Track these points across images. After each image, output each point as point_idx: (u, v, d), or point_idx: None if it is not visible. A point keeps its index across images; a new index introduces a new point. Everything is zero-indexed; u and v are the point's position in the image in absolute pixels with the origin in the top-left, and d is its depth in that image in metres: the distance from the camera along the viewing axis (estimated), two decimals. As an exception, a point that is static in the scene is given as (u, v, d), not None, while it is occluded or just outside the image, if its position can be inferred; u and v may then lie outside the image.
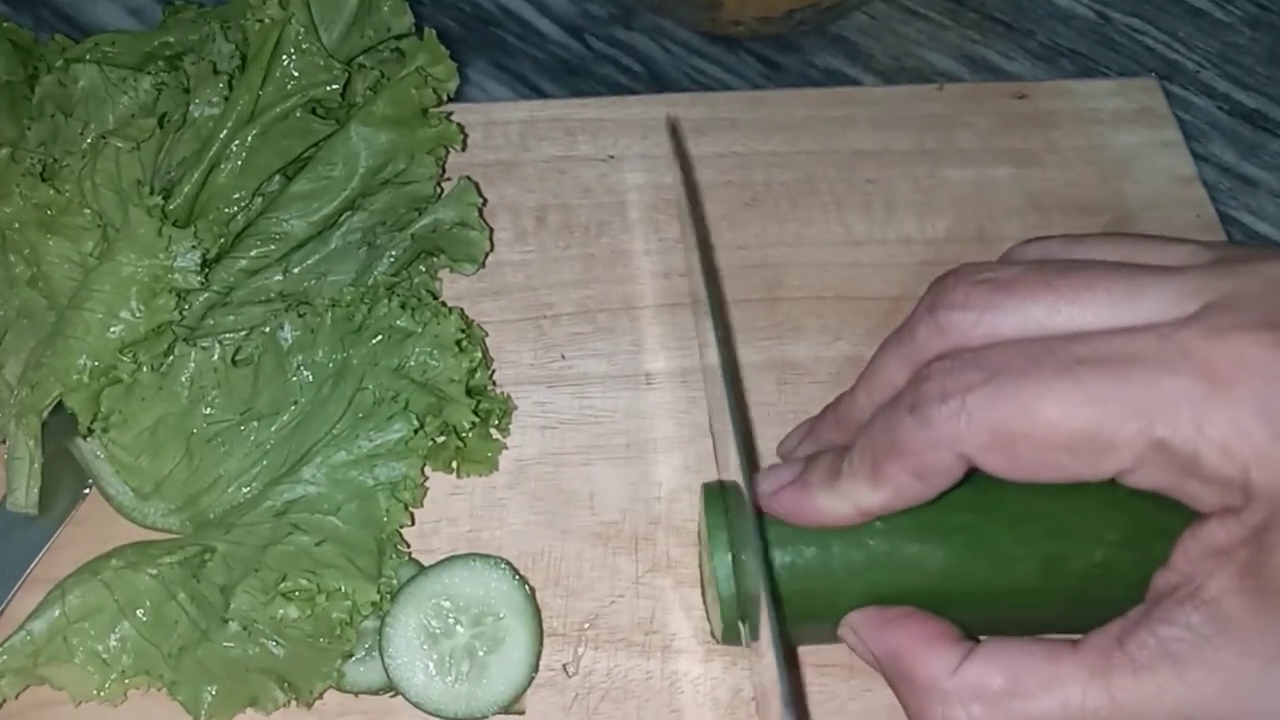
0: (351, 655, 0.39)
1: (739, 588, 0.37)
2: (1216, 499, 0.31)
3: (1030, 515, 0.36)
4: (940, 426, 0.32)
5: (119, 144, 0.44)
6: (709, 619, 0.42)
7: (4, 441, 0.43)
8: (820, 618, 0.37)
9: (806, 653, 0.42)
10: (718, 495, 0.39)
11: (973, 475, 0.35)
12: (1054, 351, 0.32)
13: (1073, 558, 0.35)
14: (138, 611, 0.39)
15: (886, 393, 0.36)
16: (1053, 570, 0.35)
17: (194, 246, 0.43)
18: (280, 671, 0.38)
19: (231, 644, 0.38)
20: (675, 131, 0.51)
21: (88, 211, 0.43)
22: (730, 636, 0.38)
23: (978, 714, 0.32)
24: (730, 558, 0.37)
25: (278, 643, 0.38)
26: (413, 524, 0.43)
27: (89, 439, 0.42)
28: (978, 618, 0.36)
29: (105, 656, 0.38)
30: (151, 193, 0.44)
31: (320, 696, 0.40)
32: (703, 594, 0.43)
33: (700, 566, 0.43)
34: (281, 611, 0.38)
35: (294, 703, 0.38)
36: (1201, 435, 0.30)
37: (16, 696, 0.39)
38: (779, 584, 0.36)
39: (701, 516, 0.40)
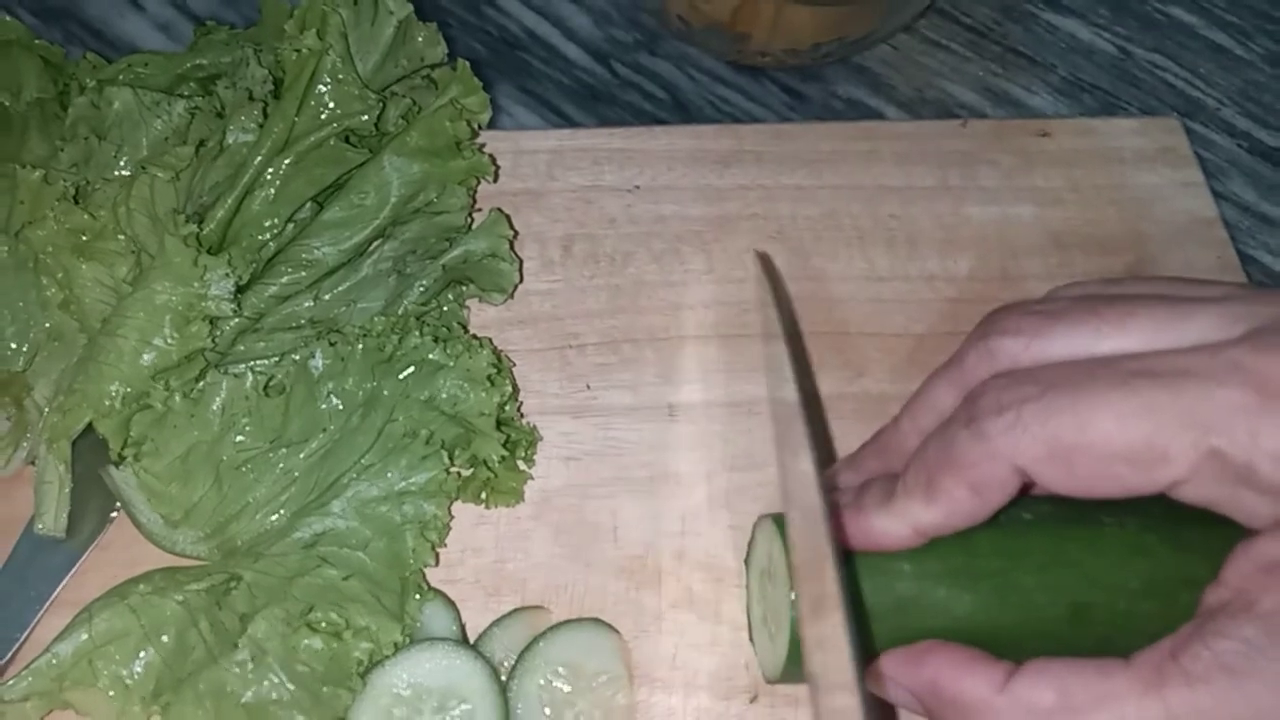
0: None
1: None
2: (1269, 510, 0.32)
3: (1058, 562, 0.36)
4: (996, 439, 0.33)
5: (159, 173, 0.44)
6: (759, 654, 0.42)
7: (33, 464, 0.44)
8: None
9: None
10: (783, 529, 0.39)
11: (1001, 520, 0.35)
12: (1107, 366, 0.33)
13: (1098, 605, 0.35)
14: (163, 637, 0.39)
15: (933, 420, 0.37)
16: (1079, 618, 0.35)
17: (227, 274, 0.43)
18: (277, 715, 0.38)
19: (235, 674, 0.38)
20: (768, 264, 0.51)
21: (122, 237, 0.43)
22: (792, 673, 0.38)
23: None
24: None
25: (283, 681, 0.38)
26: (437, 563, 0.43)
27: (121, 467, 0.42)
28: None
29: (129, 682, 0.39)
30: (186, 219, 0.44)
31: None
32: (749, 629, 0.43)
33: (749, 602, 0.43)
34: (306, 642, 0.38)
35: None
36: (1256, 445, 0.31)
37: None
38: (794, 626, 0.36)
39: (768, 549, 0.39)
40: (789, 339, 0.41)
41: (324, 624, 0.38)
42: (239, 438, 0.42)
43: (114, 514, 0.44)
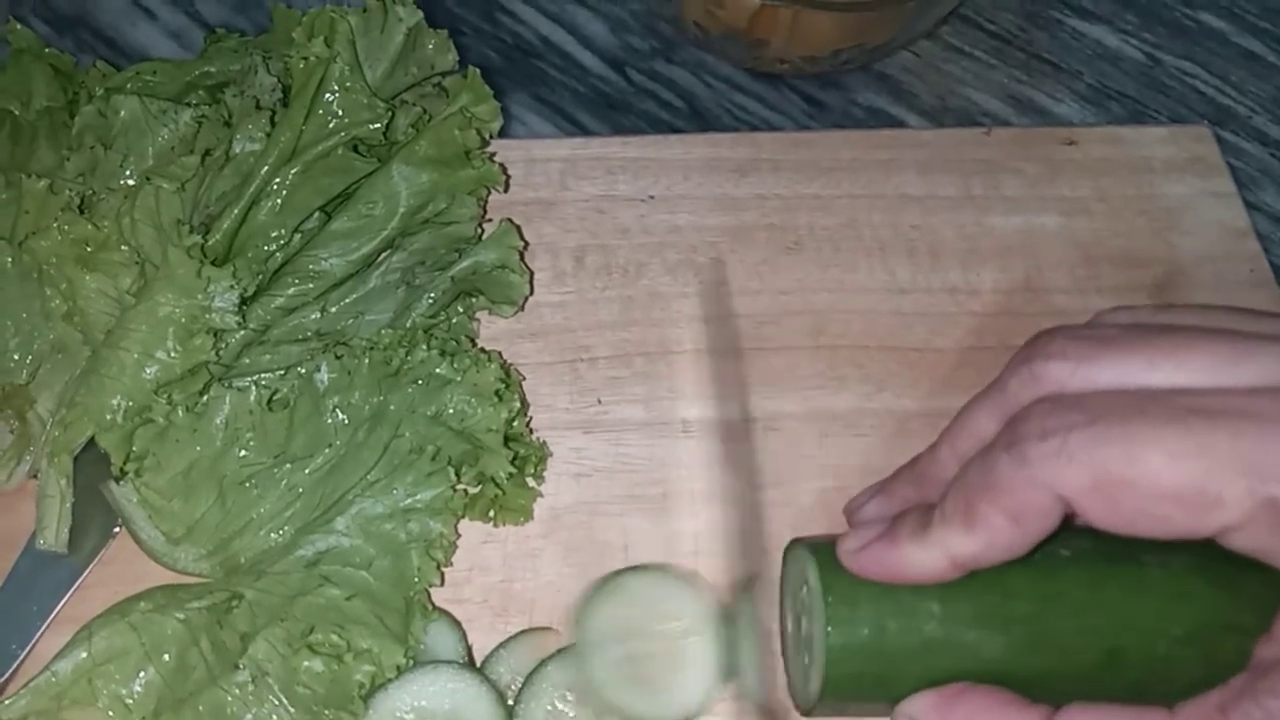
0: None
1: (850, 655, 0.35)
2: None
3: (1095, 606, 0.34)
4: (1039, 465, 0.31)
5: (163, 184, 0.44)
6: (791, 677, 0.40)
7: (35, 477, 0.43)
8: (871, 699, 0.36)
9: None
10: (828, 551, 0.37)
11: (1036, 558, 0.34)
12: (1160, 401, 0.31)
13: (1135, 650, 0.34)
14: (164, 656, 0.38)
15: (973, 447, 0.35)
16: (1114, 663, 0.34)
17: (232, 286, 0.42)
18: None
19: (236, 696, 0.37)
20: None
21: (126, 248, 0.42)
22: (826, 707, 0.37)
23: None
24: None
25: (283, 703, 0.37)
26: (442, 584, 0.42)
27: (121, 483, 0.41)
28: None
29: (129, 702, 0.38)
30: (191, 230, 0.43)
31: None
32: (784, 654, 0.41)
33: (782, 627, 0.41)
34: (306, 664, 0.37)
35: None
36: None
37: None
38: (829, 664, 0.35)
39: (800, 577, 0.38)
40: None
41: (325, 645, 0.37)
42: (242, 453, 0.41)
43: (116, 529, 0.43)
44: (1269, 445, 0.30)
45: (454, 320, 0.47)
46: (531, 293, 0.49)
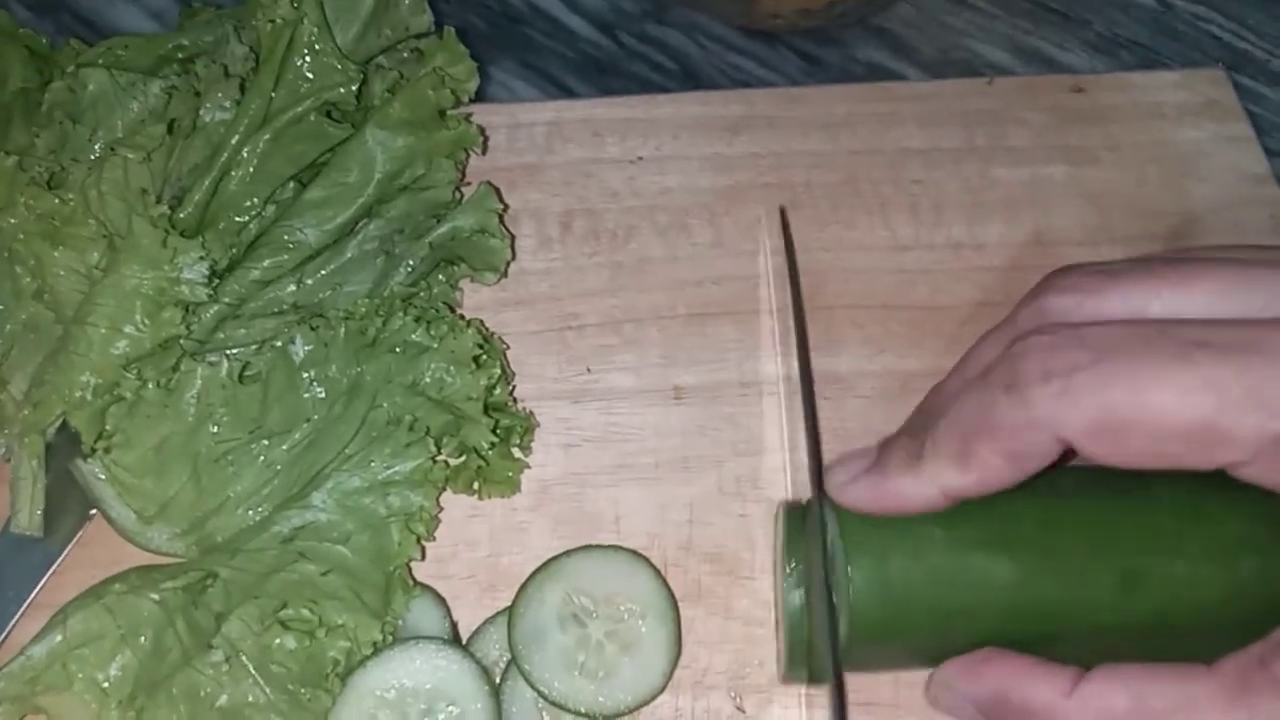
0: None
1: (808, 623, 0.34)
2: None
3: (1103, 527, 0.33)
4: (1041, 407, 0.30)
5: (129, 154, 0.42)
6: (778, 651, 0.39)
7: (9, 460, 0.42)
8: (879, 641, 0.34)
9: (851, 691, 0.39)
10: (798, 518, 0.36)
11: (1038, 486, 0.32)
12: (1166, 333, 0.30)
13: (1152, 572, 0.32)
14: (140, 639, 0.37)
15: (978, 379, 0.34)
16: (1132, 586, 0.32)
17: (201, 257, 0.41)
18: (252, 717, 0.36)
19: (210, 676, 0.36)
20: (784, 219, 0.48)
21: (92, 222, 0.41)
22: (794, 673, 0.36)
23: None
24: (802, 590, 0.34)
25: (258, 682, 0.36)
26: (423, 558, 0.41)
27: (90, 460, 0.40)
28: (1049, 642, 0.33)
29: (105, 685, 0.36)
30: (160, 201, 0.42)
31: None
32: (776, 624, 0.40)
33: (776, 595, 0.40)
34: (278, 641, 0.36)
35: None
36: None
37: (14, 727, 0.38)
38: (791, 628, 0.34)
39: (778, 541, 0.37)
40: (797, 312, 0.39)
41: (298, 622, 0.35)
42: (216, 429, 0.40)
43: (94, 511, 0.42)
44: (1276, 378, 0.28)
45: (435, 289, 0.45)
46: (516, 259, 0.48)
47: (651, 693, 0.38)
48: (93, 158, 0.44)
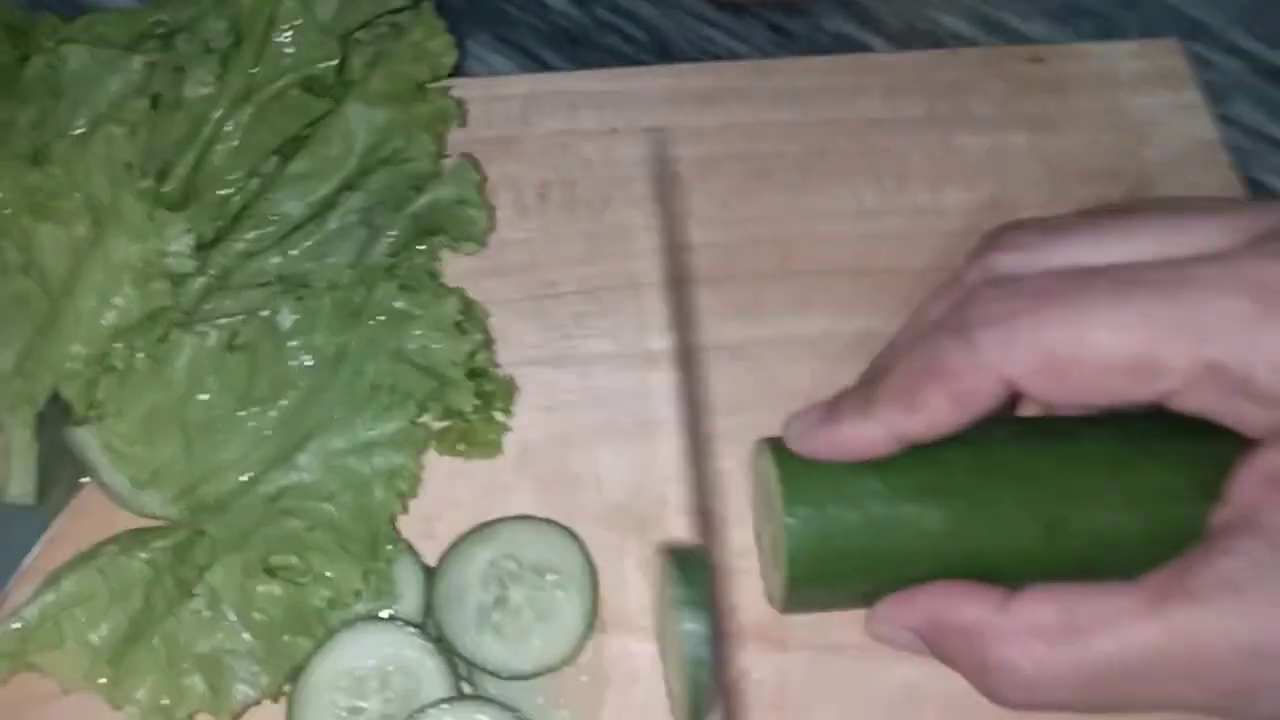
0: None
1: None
2: (1267, 420, 0.31)
3: (1032, 477, 0.35)
4: (986, 350, 0.32)
5: (114, 129, 0.43)
6: (766, 583, 0.41)
7: (1, 431, 0.43)
8: (816, 585, 0.36)
9: (816, 634, 0.41)
10: (780, 443, 0.38)
11: (974, 436, 0.34)
12: (1104, 275, 0.32)
13: (1074, 520, 0.34)
14: (130, 597, 0.38)
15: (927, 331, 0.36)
16: (1055, 534, 0.34)
17: (187, 230, 0.42)
18: (231, 665, 0.37)
19: (189, 624, 0.37)
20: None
21: (78, 196, 0.42)
22: (796, 601, 0.37)
23: (1036, 651, 0.32)
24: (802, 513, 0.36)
25: (238, 629, 0.37)
26: (406, 511, 0.42)
27: (83, 428, 0.41)
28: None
29: (95, 642, 0.38)
30: (145, 176, 0.43)
31: (265, 701, 0.38)
32: (760, 559, 0.42)
33: (756, 529, 0.42)
34: (263, 589, 0.37)
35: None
36: (1255, 355, 0.30)
37: (4, 683, 0.39)
38: (790, 551, 0.36)
39: (766, 471, 0.39)
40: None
41: (282, 570, 0.37)
42: (205, 397, 0.41)
43: (86, 479, 0.43)
44: (1207, 309, 0.30)
45: (417, 260, 0.46)
46: (495, 229, 0.49)
47: (560, 660, 0.40)
48: (76, 133, 0.45)
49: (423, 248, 0.46)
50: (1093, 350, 0.31)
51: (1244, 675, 0.30)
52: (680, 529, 0.43)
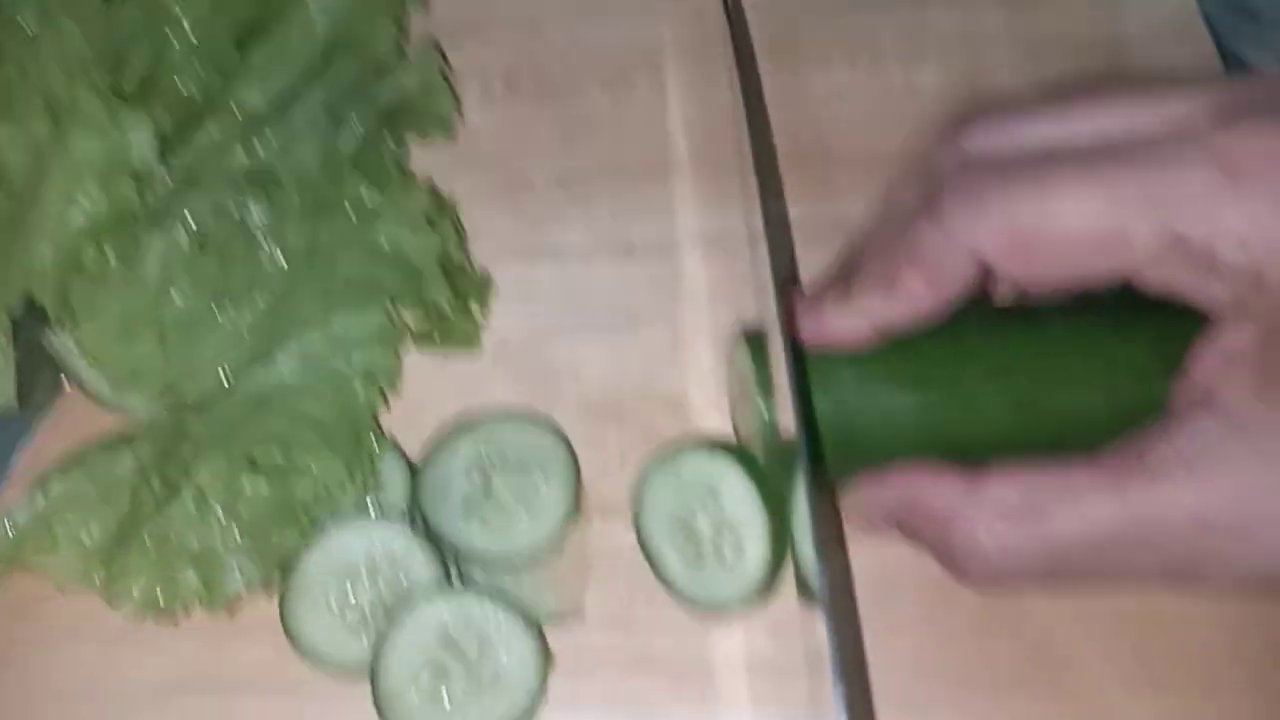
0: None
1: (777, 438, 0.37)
2: (1229, 295, 0.31)
3: (1002, 361, 0.36)
4: (956, 227, 0.32)
5: (69, 22, 0.42)
6: None
7: (-23, 336, 0.43)
8: (789, 469, 0.37)
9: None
10: (756, 340, 0.38)
11: (945, 325, 0.35)
12: (1071, 151, 0.32)
13: (1045, 402, 0.35)
14: (118, 497, 0.39)
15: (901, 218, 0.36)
16: (1025, 414, 0.35)
17: (149, 126, 0.41)
18: (223, 560, 0.38)
19: (179, 522, 0.37)
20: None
21: (35, 93, 0.41)
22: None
23: (999, 531, 0.33)
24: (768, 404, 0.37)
25: (228, 526, 0.38)
26: (388, 407, 0.43)
27: (59, 332, 0.41)
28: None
29: (88, 543, 0.38)
30: (100, 71, 0.41)
31: (259, 596, 0.39)
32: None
33: (735, 424, 0.43)
34: (247, 485, 0.38)
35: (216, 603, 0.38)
36: (1218, 228, 0.30)
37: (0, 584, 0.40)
38: (769, 445, 0.36)
39: (742, 361, 0.39)
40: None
41: (267, 467, 0.37)
42: (178, 295, 0.41)
43: (66, 382, 0.43)
44: (1172, 181, 0.30)
45: (384, 153, 0.45)
46: (463, 119, 0.48)
47: (544, 547, 0.41)
48: (28, 33, 0.43)
49: (390, 140, 0.46)
50: (1059, 224, 0.31)
51: (1195, 547, 0.31)
52: (658, 419, 0.44)
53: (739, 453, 0.40)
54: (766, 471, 0.38)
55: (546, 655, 0.39)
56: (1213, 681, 0.40)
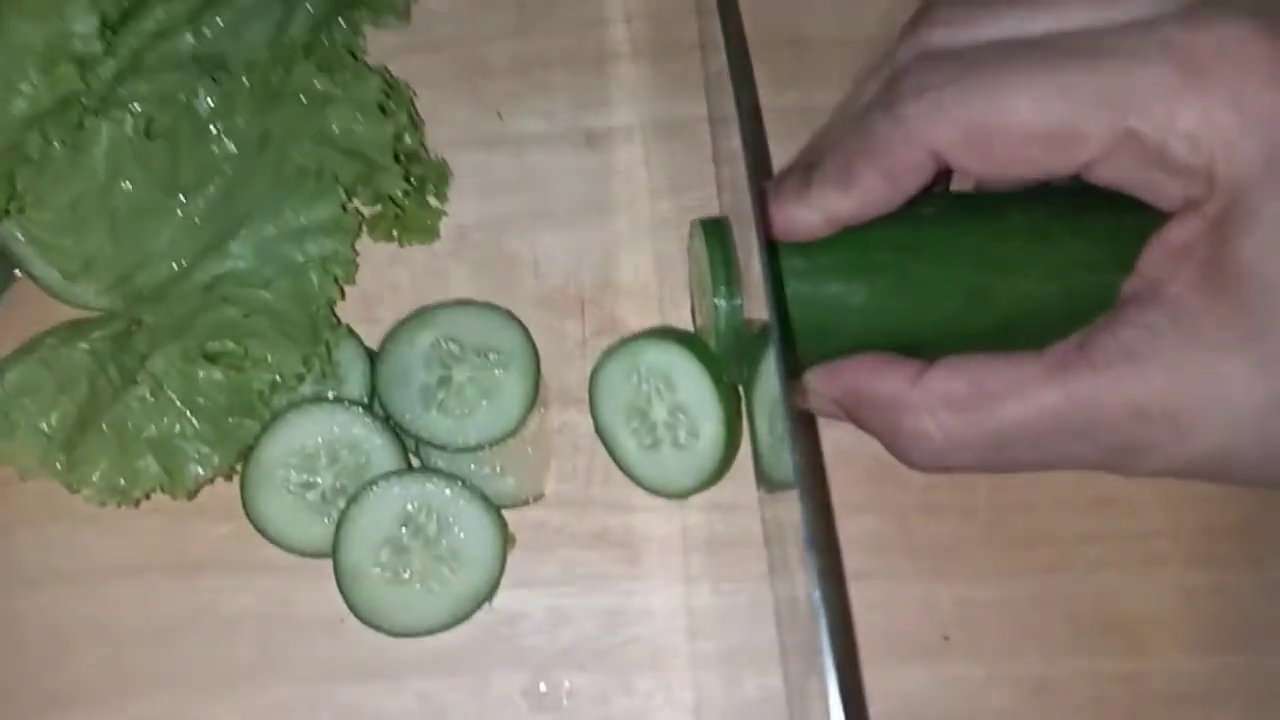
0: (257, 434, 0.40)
1: (732, 326, 0.37)
2: (1181, 192, 0.31)
3: (954, 250, 0.36)
4: (913, 122, 0.32)
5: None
6: None
7: (-75, 227, 0.42)
8: (742, 357, 0.37)
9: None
10: (714, 228, 0.38)
11: (899, 214, 0.35)
12: (1030, 46, 0.32)
13: (996, 290, 0.35)
14: (76, 386, 0.39)
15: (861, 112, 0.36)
16: (976, 303, 0.35)
17: (90, 9, 0.40)
18: (182, 447, 0.38)
19: (136, 410, 0.38)
20: None
21: (-32, -27, 0.39)
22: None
23: (945, 420, 0.34)
24: (728, 294, 0.37)
25: (184, 414, 0.38)
26: (343, 298, 0.43)
27: (6, 222, 0.40)
28: (903, 354, 0.36)
29: (46, 430, 0.39)
30: (37, -51, 0.40)
31: (219, 479, 0.40)
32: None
33: (693, 312, 0.43)
34: (203, 374, 0.38)
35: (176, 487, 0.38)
36: (1172, 126, 0.30)
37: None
38: (721, 332, 0.37)
39: (699, 252, 0.39)
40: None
41: (222, 357, 0.37)
42: (128, 185, 0.40)
43: (18, 272, 0.43)
44: (1127, 78, 0.30)
45: (337, 36, 0.44)
46: (418, 1, 0.47)
47: (504, 434, 0.41)
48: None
49: (343, 23, 0.44)
50: (1014, 119, 0.31)
51: (1133, 434, 0.32)
52: (620, 309, 0.44)
53: (693, 341, 0.40)
54: (721, 359, 0.39)
55: (505, 534, 0.40)
56: (1153, 561, 0.41)
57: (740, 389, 0.40)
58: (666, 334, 0.41)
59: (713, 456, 0.39)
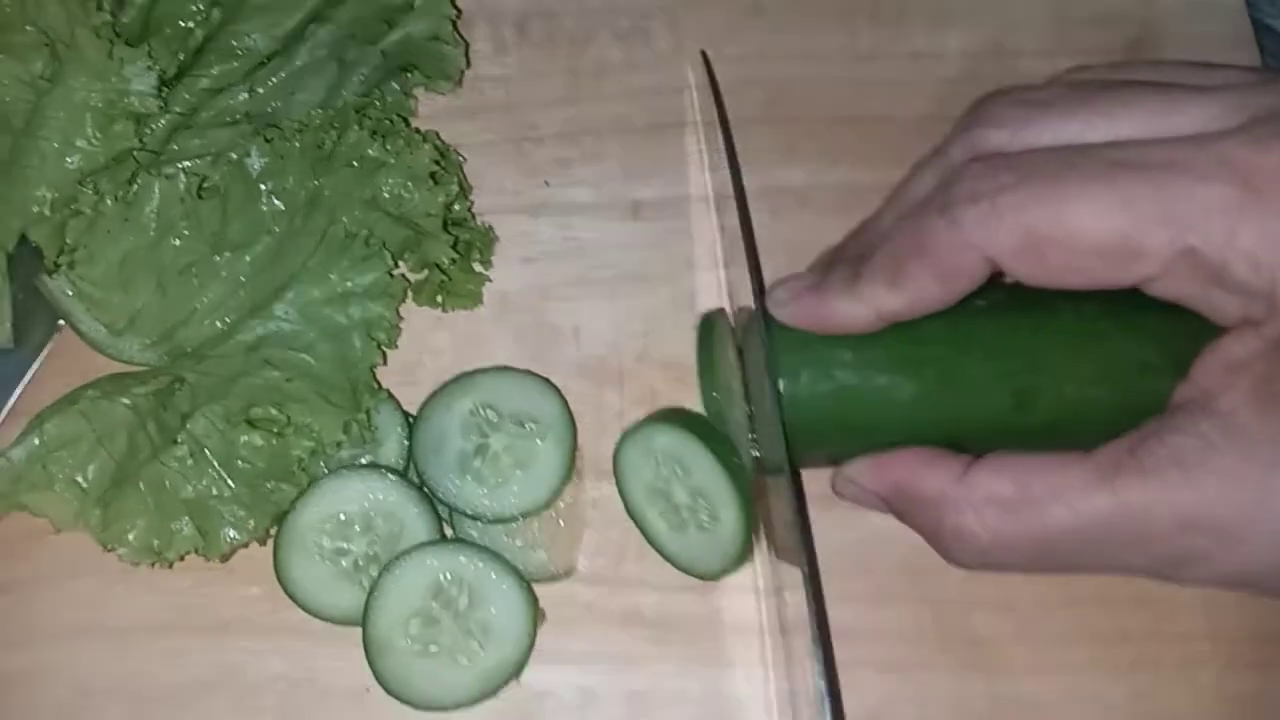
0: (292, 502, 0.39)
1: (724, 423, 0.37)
2: (1239, 311, 0.31)
3: (1004, 349, 0.35)
4: (969, 227, 0.32)
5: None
6: None
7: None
8: (801, 450, 0.37)
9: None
10: (705, 327, 0.38)
11: (948, 310, 0.34)
12: (1089, 156, 0.31)
13: (1043, 392, 0.35)
14: (114, 440, 0.39)
15: (913, 210, 0.35)
16: (1023, 404, 0.35)
17: (149, 67, 0.40)
18: (218, 510, 0.38)
19: (175, 470, 0.38)
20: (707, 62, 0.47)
21: (30, 28, 0.40)
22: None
23: (991, 519, 0.33)
24: (714, 392, 0.37)
25: (222, 476, 0.38)
26: (385, 362, 0.42)
27: (55, 276, 0.40)
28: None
29: (84, 484, 0.39)
30: (99, 7, 0.40)
31: (255, 541, 0.39)
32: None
33: (707, 392, 0.42)
34: (244, 438, 0.38)
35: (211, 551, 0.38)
36: (1232, 245, 0.30)
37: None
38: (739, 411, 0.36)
39: (726, 337, 0.39)
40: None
41: (263, 421, 0.37)
42: (177, 242, 0.41)
43: (62, 322, 0.43)
44: (1189, 195, 0.30)
45: (389, 99, 0.44)
46: (470, 67, 0.47)
47: (536, 506, 0.41)
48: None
49: (396, 86, 0.45)
50: (1073, 232, 0.31)
51: (1182, 545, 0.31)
52: (657, 381, 0.44)
53: (703, 427, 0.40)
54: (730, 442, 0.38)
55: (536, 609, 0.40)
56: (1192, 663, 0.40)
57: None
58: (674, 417, 0.40)
59: (734, 541, 0.39)
